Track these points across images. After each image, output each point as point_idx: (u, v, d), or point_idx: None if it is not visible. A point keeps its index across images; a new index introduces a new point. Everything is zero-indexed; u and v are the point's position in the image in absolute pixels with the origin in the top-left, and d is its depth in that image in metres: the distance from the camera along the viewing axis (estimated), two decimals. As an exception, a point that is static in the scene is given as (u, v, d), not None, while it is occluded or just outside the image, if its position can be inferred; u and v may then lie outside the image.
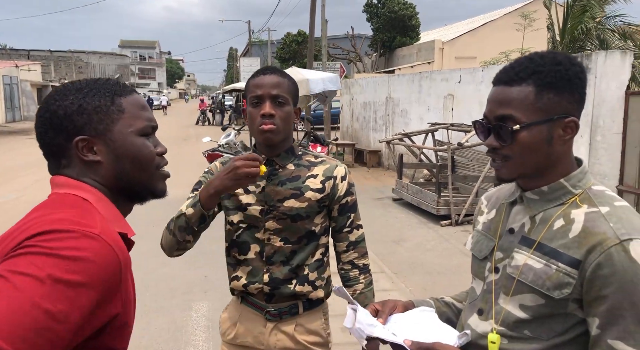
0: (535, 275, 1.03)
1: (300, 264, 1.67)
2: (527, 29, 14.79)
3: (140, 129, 0.99)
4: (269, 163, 1.66)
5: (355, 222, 1.74)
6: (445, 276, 5.07)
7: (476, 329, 1.14)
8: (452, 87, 9.17)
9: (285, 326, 1.69)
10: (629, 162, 5.83)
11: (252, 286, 1.68)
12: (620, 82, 5.91)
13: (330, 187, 1.67)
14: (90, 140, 0.95)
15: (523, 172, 1.08)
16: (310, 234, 1.67)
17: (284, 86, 1.60)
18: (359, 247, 1.74)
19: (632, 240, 0.94)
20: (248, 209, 1.66)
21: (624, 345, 0.93)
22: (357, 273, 1.73)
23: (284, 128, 1.60)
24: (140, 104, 1.02)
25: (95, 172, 0.96)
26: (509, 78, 1.05)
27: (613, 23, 9.95)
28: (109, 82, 1.01)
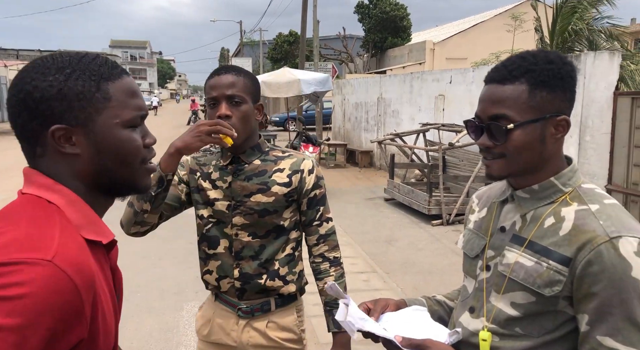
0: (526, 273, 1.03)
1: (269, 259, 1.67)
2: (517, 30, 14.90)
3: (127, 120, 0.87)
4: (235, 160, 1.66)
5: (324, 215, 1.73)
6: (437, 275, 5.09)
7: (467, 327, 1.15)
8: (443, 88, 9.21)
9: (257, 323, 1.69)
10: (617, 161, 5.89)
11: (224, 281, 1.69)
12: (609, 83, 5.97)
13: (297, 181, 1.66)
14: (68, 130, 0.83)
15: (514, 171, 1.08)
16: (279, 229, 1.68)
17: (240, 85, 1.57)
18: (329, 239, 1.74)
19: (621, 237, 0.95)
20: (216, 204, 1.66)
21: (612, 342, 0.94)
22: (327, 266, 1.73)
23: (243, 128, 1.57)
24: (130, 89, 0.89)
25: (71, 165, 0.86)
26: (502, 77, 1.05)
27: (600, 24, 10.04)
28: (96, 62, 0.87)
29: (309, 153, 8.42)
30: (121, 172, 0.88)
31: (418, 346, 1.03)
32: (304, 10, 16.07)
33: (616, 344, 0.93)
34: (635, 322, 0.93)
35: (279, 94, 10.37)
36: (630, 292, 0.92)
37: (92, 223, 0.85)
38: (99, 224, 0.87)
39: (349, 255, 5.68)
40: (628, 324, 0.93)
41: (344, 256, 1.82)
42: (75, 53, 0.88)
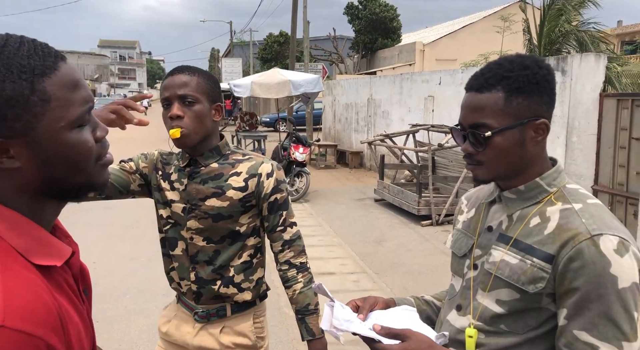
0: (511, 271, 1.06)
1: (224, 265, 1.63)
2: (506, 32, 15.02)
3: (74, 120, 0.73)
4: (192, 163, 1.63)
5: (288, 220, 1.67)
6: (426, 275, 5.12)
7: (454, 324, 1.17)
8: (433, 89, 9.26)
9: (212, 328, 1.68)
10: (603, 162, 5.97)
11: (183, 282, 1.69)
12: (595, 85, 6.04)
13: (254, 185, 1.60)
14: (3, 143, 0.69)
15: (498, 174, 1.11)
16: (235, 234, 1.62)
17: (193, 84, 1.53)
18: (295, 245, 1.68)
19: (602, 235, 0.97)
20: (173, 206, 1.64)
21: (587, 336, 0.96)
22: (294, 272, 1.67)
23: (197, 128, 1.53)
24: (71, 81, 0.73)
25: (11, 180, 0.72)
26: (479, 85, 1.08)
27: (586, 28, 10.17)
28: (21, 52, 0.70)
29: (299, 153, 8.43)
30: (74, 178, 0.76)
31: (397, 335, 1.05)
32: (294, 10, 16.08)
33: (591, 338, 0.96)
34: (611, 318, 0.95)
35: (269, 94, 10.37)
36: (608, 288, 0.95)
37: (42, 245, 0.73)
38: (50, 244, 0.75)
39: (338, 255, 5.69)
40: (604, 319, 0.95)
41: (334, 257, 1.83)
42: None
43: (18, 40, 0.71)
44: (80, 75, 0.77)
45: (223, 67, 28.52)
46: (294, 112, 17.82)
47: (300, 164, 8.47)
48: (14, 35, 0.72)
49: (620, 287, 0.95)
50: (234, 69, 27.31)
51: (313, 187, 9.14)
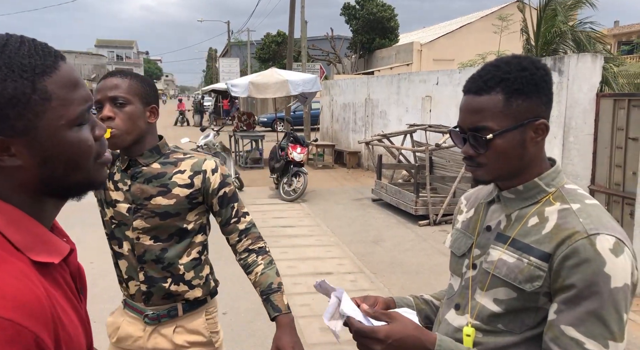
0: (509, 269, 1.07)
1: (173, 263, 1.65)
2: (504, 32, 15.05)
3: (74, 118, 0.74)
4: (132, 163, 1.63)
5: (240, 211, 1.70)
6: (424, 275, 5.13)
7: (452, 323, 1.18)
8: (430, 89, 9.28)
9: (164, 329, 1.68)
10: (600, 162, 5.98)
11: (131, 283, 1.68)
12: (592, 85, 6.06)
13: (200, 182, 1.63)
14: (4, 142, 0.70)
15: (499, 175, 1.12)
16: (182, 232, 1.65)
17: (124, 86, 1.55)
18: (251, 233, 1.71)
19: (599, 234, 0.98)
20: (117, 206, 1.65)
21: (574, 332, 0.96)
22: (254, 257, 1.69)
23: (128, 128, 1.55)
24: (71, 80, 0.74)
25: (12, 177, 0.73)
26: (478, 87, 1.07)
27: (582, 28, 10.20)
28: (22, 51, 0.71)
29: (296, 153, 8.43)
30: (74, 176, 0.77)
31: (384, 314, 1.06)
32: (291, 10, 16.08)
33: (578, 334, 0.96)
34: (600, 316, 0.95)
35: (266, 94, 10.38)
36: (600, 287, 0.95)
37: (41, 241, 0.74)
38: (49, 241, 0.76)
39: (336, 255, 5.70)
40: (593, 317, 0.95)
41: (331, 257, 1.84)
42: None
43: (19, 40, 0.72)
44: (79, 75, 0.78)
45: (220, 67, 28.50)
46: (291, 112, 17.82)
47: (298, 164, 8.47)
48: (14, 35, 0.73)
49: (613, 286, 0.95)
50: (231, 69, 27.27)
51: (310, 187, 9.15)
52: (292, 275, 5.04)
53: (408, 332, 1.03)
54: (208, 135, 8.96)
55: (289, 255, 5.69)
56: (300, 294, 4.57)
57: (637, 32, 27.21)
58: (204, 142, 8.61)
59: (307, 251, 5.84)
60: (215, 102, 27.42)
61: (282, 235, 6.48)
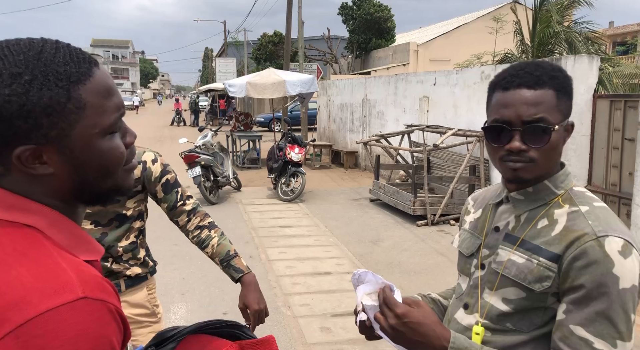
0: (518, 270, 1.08)
1: (112, 245, 1.75)
2: (500, 32, 15.11)
3: (107, 126, 0.74)
4: None
5: (184, 194, 1.85)
6: (422, 275, 5.16)
7: (462, 322, 1.20)
8: (428, 89, 9.30)
9: None
10: (596, 163, 6.03)
11: None
12: (588, 86, 6.10)
13: (140, 171, 1.74)
14: (37, 150, 0.69)
15: (544, 172, 1.11)
16: (122, 217, 1.76)
17: None
18: (198, 211, 1.84)
19: (607, 236, 1.00)
20: None
21: (583, 332, 0.98)
22: (207, 231, 1.81)
23: None
24: (105, 88, 0.74)
25: (45, 184, 0.73)
26: (532, 81, 1.07)
27: (579, 28, 10.26)
28: (58, 58, 0.69)
29: (294, 154, 8.44)
30: (104, 183, 0.78)
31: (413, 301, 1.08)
32: (288, 10, 16.08)
33: (587, 334, 0.98)
34: (608, 316, 0.97)
35: (264, 95, 10.37)
36: (609, 288, 0.97)
37: (82, 241, 0.76)
38: (88, 241, 0.78)
39: (335, 255, 5.72)
40: (602, 317, 0.98)
41: (330, 257, 1.89)
42: (28, 44, 0.70)
43: (54, 46, 0.71)
44: (113, 81, 0.77)
45: (217, 67, 28.46)
46: (288, 112, 17.82)
47: (296, 164, 8.47)
48: (49, 40, 0.72)
49: (621, 287, 0.97)
50: (228, 69, 27.23)
51: (308, 188, 9.16)
52: (291, 275, 5.05)
53: (426, 321, 1.04)
54: (206, 135, 8.96)
55: (287, 255, 5.70)
56: (300, 293, 4.58)
57: (632, 32, 27.35)
58: (202, 142, 8.60)
59: (305, 251, 5.85)
60: (212, 102, 27.38)
61: (280, 236, 6.49)
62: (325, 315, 4.11)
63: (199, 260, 4.90)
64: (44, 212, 0.72)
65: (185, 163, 7.92)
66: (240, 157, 12.56)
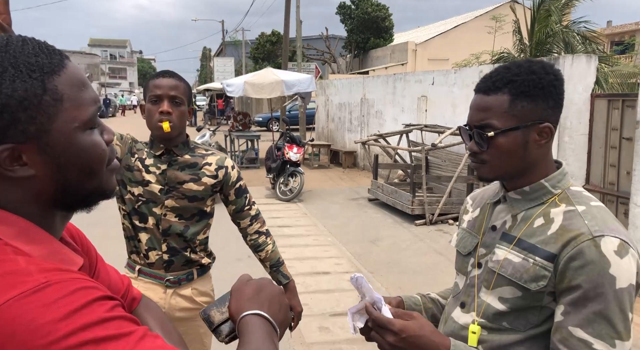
0: (514, 269, 1.09)
1: (192, 238, 1.95)
2: (498, 32, 15.12)
3: (86, 120, 0.70)
4: (168, 153, 1.91)
5: (251, 200, 2.06)
6: (420, 275, 5.16)
7: (458, 321, 1.20)
8: (426, 89, 9.31)
9: (183, 290, 1.97)
10: (594, 162, 6.04)
11: (152, 252, 1.92)
12: (586, 85, 6.11)
13: (222, 175, 1.96)
14: (15, 149, 0.65)
15: (501, 174, 1.15)
16: (202, 213, 1.97)
17: (181, 88, 1.84)
18: (259, 218, 2.07)
19: (603, 236, 1.00)
20: (150, 185, 1.89)
21: (582, 333, 0.99)
22: (264, 238, 2.06)
23: (180, 124, 1.85)
24: (79, 80, 0.70)
25: (25, 189, 0.68)
26: (487, 87, 1.12)
27: (577, 28, 10.28)
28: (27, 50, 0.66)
29: (293, 153, 8.44)
30: (89, 184, 0.73)
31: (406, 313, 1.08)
32: (286, 10, 16.07)
33: (586, 335, 0.98)
34: (606, 316, 0.98)
35: (262, 94, 10.38)
36: (606, 288, 0.98)
37: (55, 252, 0.70)
38: (62, 252, 0.72)
39: (333, 255, 5.72)
40: (600, 317, 0.98)
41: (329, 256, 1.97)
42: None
43: (20, 39, 0.68)
44: (84, 75, 0.73)
45: (215, 67, 28.43)
46: (286, 111, 17.82)
47: (294, 163, 8.48)
48: (13, 34, 0.69)
49: (618, 287, 0.98)
50: (226, 68, 27.21)
51: (307, 187, 9.16)
52: (290, 275, 5.05)
53: (423, 332, 1.05)
54: (204, 135, 8.95)
55: (286, 255, 5.66)
56: (299, 293, 4.57)
57: (629, 32, 27.41)
58: (200, 142, 8.58)
59: (304, 251, 5.85)
60: (210, 101, 27.35)
61: (279, 235, 6.48)
62: (324, 315, 4.11)
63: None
64: (13, 221, 0.67)
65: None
66: (239, 157, 12.56)
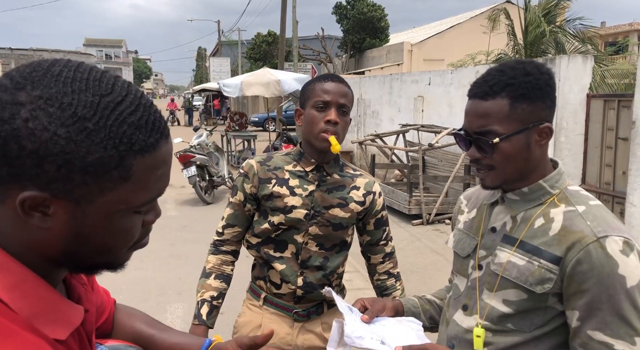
0: (519, 272, 1.09)
1: (333, 271, 1.71)
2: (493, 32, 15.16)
3: (137, 206, 0.63)
4: (318, 169, 1.67)
5: (389, 235, 1.81)
6: (417, 274, 5.17)
7: (461, 325, 1.19)
8: (422, 89, 9.33)
9: (312, 326, 1.72)
10: (590, 162, 6.07)
11: (285, 285, 1.68)
12: (582, 86, 6.14)
13: (369, 202, 1.72)
14: (48, 201, 0.57)
15: (506, 179, 1.13)
16: (343, 243, 1.73)
17: (350, 97, 1.62)
18: (393, 257, 1.83)
19: (607, 237, 1.01)
20: (293, 212, 1.64)
21: (602, 335, 1.00)
22: (393, 281, 1.81)
23: (342, 136, 1.61)
24: (160, 164, 0.62)
25: (31, 235, 0.60)
26: (484, 92, 1.09)
27: (573, 26, 10.33)
28: (132, 118, 0.59)
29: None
30: (98, 259, 0.66)
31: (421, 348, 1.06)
32: (283, 10, 16.08)
33: (605, 337, 0.99)
34: (622, 316, 0.99)
35: (259, 91, 10.36)
36: (617, 288, 0.99)
37: (52, 309, 0.62)
38: (60, 308, 0.64)
39: (331, 255, 5.72)
40: (616, 318, 0.99)
41: None
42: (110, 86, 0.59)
43: (137, 102, 0.60)
44: (171, 158, 0.66)
45: (211, 67, 28.39)
46: (283, 111, 17.81)
47: (291, 163, 8.45)
48: (134, 87, 0.62)
49: (629, 286, 0.99)
50: (222, 68, 27.18)
51: (304, 187, 9.14)
52: (288, 275, 5.04)
53: None
54: (201, 135, 8.93)
55: (283, 255, 5.69)
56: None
57: (623, 32, 27.57)
58: (197, 142, 8.57)
59: (301, 251, 5.84)
60: (206, 101, 27.30)
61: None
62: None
63: (195, 260, 4.88)
64: (11, 269, 0.60)
65: (181, 163, 7.90)
66: (235, 157, 12.53)
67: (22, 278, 0.60)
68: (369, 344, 1.08)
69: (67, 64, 0.59)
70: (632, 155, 5.04)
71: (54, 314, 0.62)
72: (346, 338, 1.09)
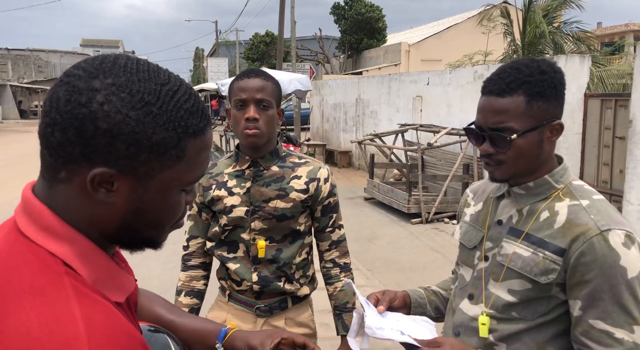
0: (524, 263, 1.13)
1: (287, 262, 1.69)
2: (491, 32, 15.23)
3: (187, 183, 0.72)
4: (254, 164, 1.68)
5: (337, 222, 1.78)
6: (417, 272, 5.22)
7: (467, 313, 1.24)
8: (421, 89, 9.38)
9: (275, 321, 1.72)
10: (588, 160, 6.13)
11: (243, 282, 1.70)
12: (580, 85, 6.20)
13: (314, 189, 1.69)
14: (115, 176, 0.65)
15: (515, 173, 1.17)
16: (295, 233, 1.71)
17: (269, 90, 1.60)
18: (340, 246, 1.79)
19: (610, 230, 1.05)
20: (233, 211, 1.67)
21: (603, 324, 1.05)
22: (337, 271, 1.78)
23: (268, 130, 1.60)
24: (206, 148, 0.72)
25: (96, 210, 0.67)
26: (501, 89, 1.11)
27: (570, 29, 10.41)
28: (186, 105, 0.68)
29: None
30: (149, 232, 0.74)
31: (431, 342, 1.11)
32: (281, 11, 16.10)
33: (606, 326, 1.04)
34: (622, 306, 1.04)
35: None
36: (618, 279, 1.03)
37: (113, 276, 0.71)
38: (119, 276, 0.72)
39: (331, 253, 5.76)
40: (617, 307, 1.04)
41: None
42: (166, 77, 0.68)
43: (188, 92, 0.69)
44: (211, 141, 0.75)
45: (209, 67, 28.38)
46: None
47: (291, 163, 8.49)
48: (183, 81, 0.71)
49: (630, 277, 1.03)
50: (220, 69, 27.18)
51: (303, 187, 9.18)
52: (289, 273, 5.08)
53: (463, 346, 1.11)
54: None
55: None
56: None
57: (619, 33, 27.71)
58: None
59: (302, 249, 5.89)
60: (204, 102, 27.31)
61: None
62: (324, 311, 4.14)
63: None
64: (77, 240, 0.67)
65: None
66: (234, 157, 12.55)
67: (87, 248, 0.68)
68: (389, 334, 1.12)
69: (130, 57, 0.68)
70: (629, 154, 5.10)
71: (113, 281, 0.70)
72: (367, 329, 1.12)
